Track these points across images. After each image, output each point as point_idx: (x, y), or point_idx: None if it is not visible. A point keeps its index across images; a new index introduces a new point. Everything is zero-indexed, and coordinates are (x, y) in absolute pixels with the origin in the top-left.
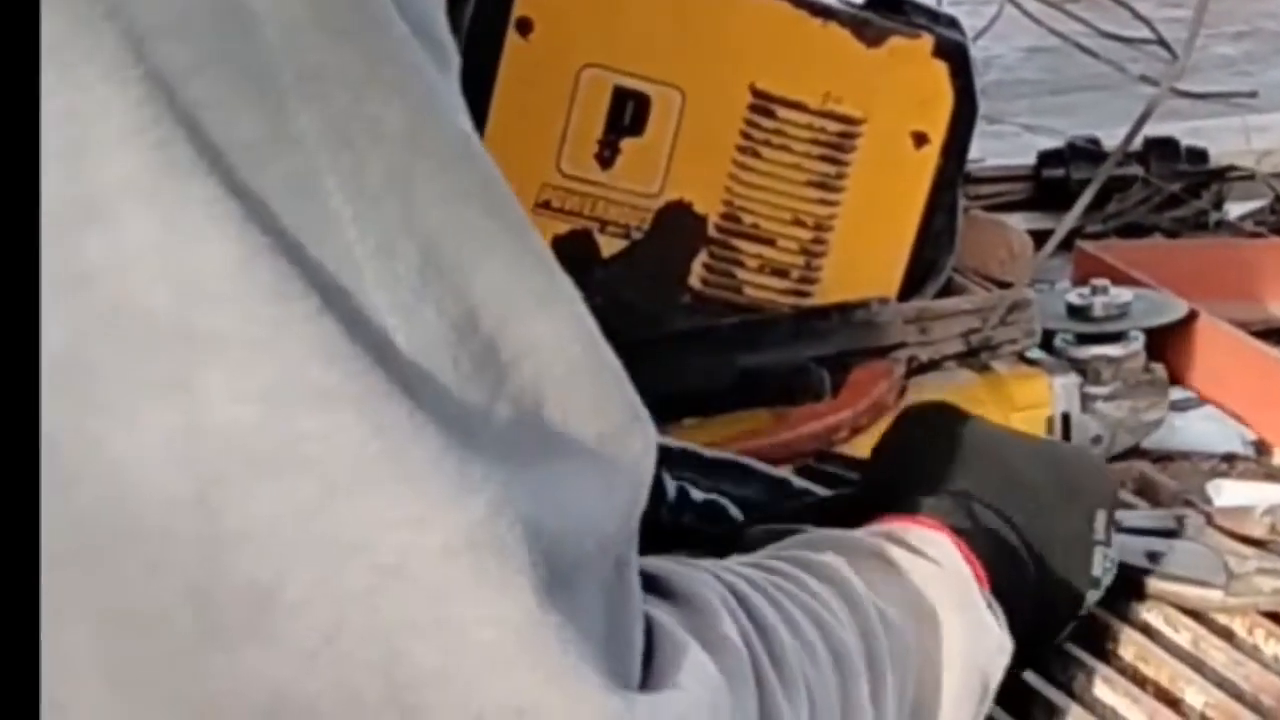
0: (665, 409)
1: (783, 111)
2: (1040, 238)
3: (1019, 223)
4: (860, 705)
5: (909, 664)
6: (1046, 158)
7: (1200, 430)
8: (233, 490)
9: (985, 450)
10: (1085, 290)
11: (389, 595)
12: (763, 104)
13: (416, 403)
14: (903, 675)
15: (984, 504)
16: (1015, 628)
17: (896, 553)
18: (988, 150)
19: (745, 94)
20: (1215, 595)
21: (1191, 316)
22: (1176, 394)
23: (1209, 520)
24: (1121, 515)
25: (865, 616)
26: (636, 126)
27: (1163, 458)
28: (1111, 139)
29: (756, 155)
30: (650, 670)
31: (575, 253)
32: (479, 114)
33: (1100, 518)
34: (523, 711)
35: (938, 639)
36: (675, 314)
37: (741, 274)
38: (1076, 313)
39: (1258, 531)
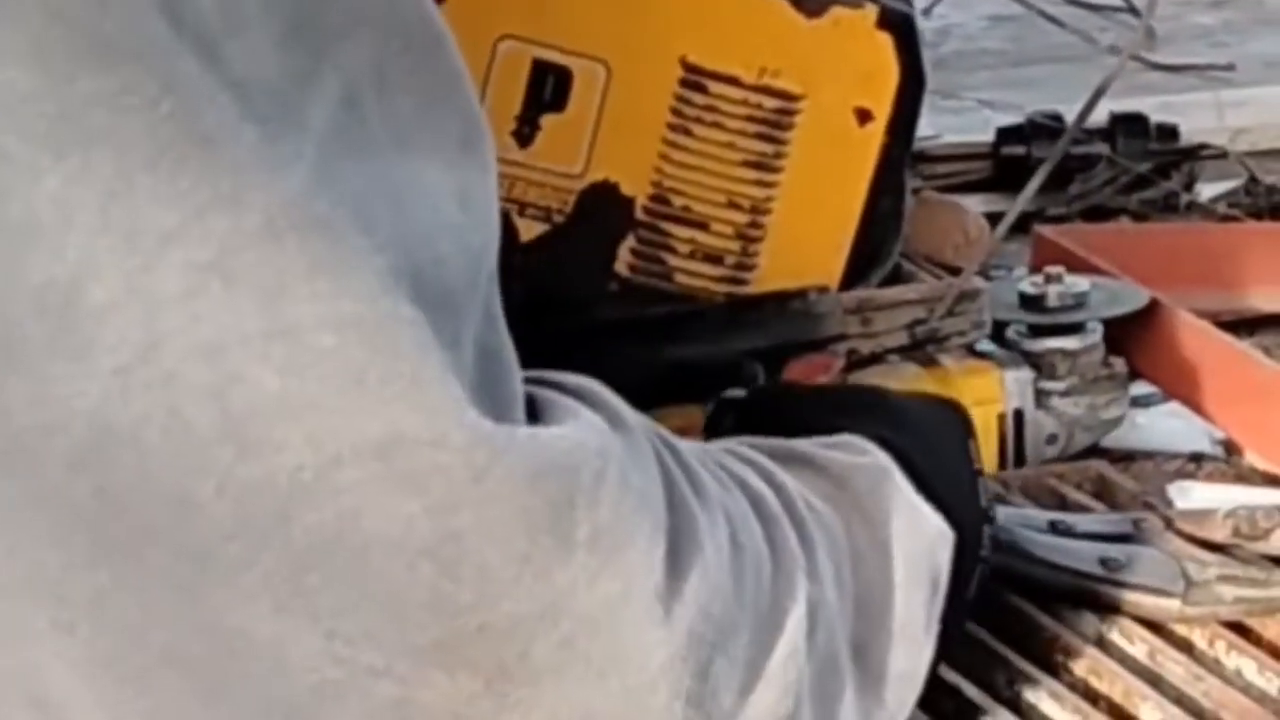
0: None
1: (715, 86)
2: (999, 220)
3: (976, 205)
4: (790, 551)
5: (840, 548)
6: (1006, 134)
7: (1165, 428)
8: (13, 171)
9: (863, 395)
10: (1039, 279)
11: (210, 297)
12: (694, 78)
13: (211, 60)
14: (837, 561)
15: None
16: None
17: (813, 449)
18: (943, 126)
19: (675, 68)
20: (1173, 605)
21: (1154, 306)
22: (1139, 389)
23: (1168, 524)
24: (1074, 519)
25: (784, 490)
26: (557, 102)
27: (1124, 458)
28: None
29: (687, 133)
30: (534, 423)
31: None
32: None
33: (971, 445)
34: (384, 447)
35: (871, 529)
36: (601, 303)
37: (672, 260)
38: (1030, 303)
39: (1220, 535)
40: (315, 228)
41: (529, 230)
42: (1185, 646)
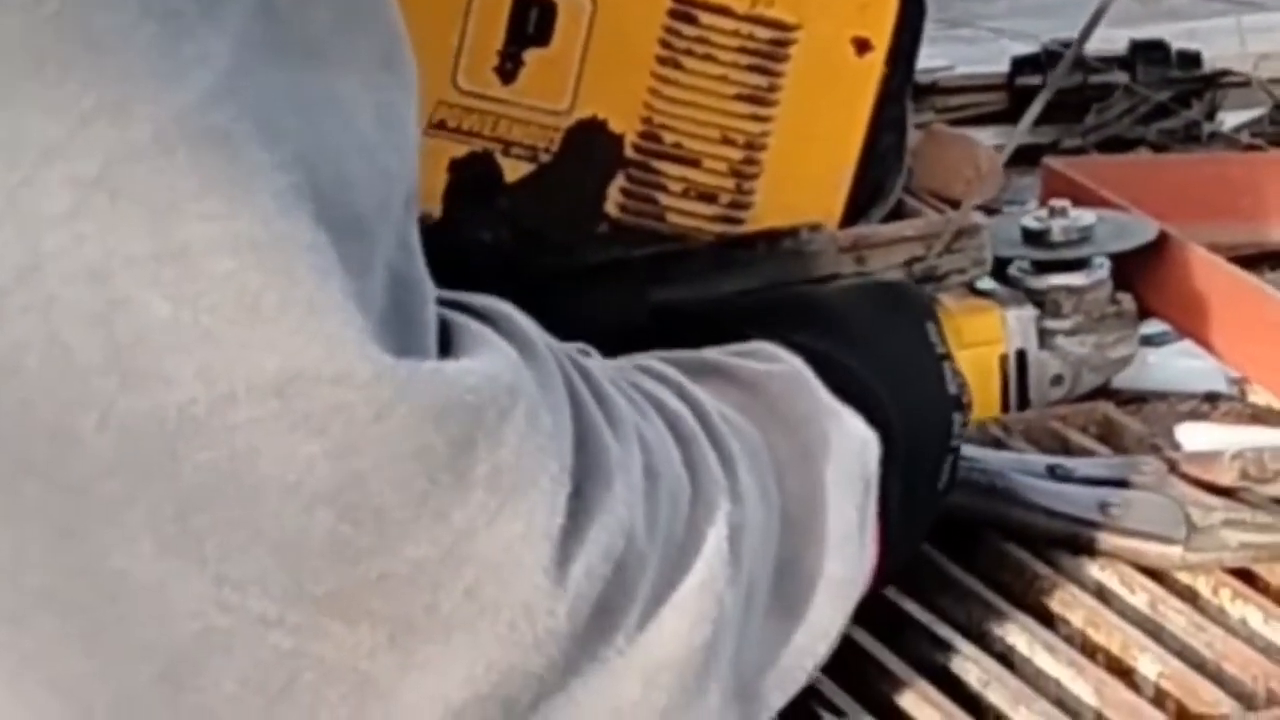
0: None
1: (706, 17)
2: (1016, 154)
3: (990, 138)
4: (710, 473)
5: (762, 462)
6: (1021, 65)
7: (1179, 367)
8: None
9: (789, 297)
10: (1043, 213)
11: (94, 216)
12: (683, 9)
13: None
14: (760, 476)
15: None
16: (890, 466)
17: (724, 358)
18: (957, 57)
19: None
20: (1175, 551)
21: (1163, 240)
22: (1151, 328)
23: (1172, 467)
24: (1072, 463)
25: (699, 406)
26: (542, 36)
27: (1136, 399)
28: (1098, 42)
29: (678, 67)
30: (443, 354)
31: (476, 177)
32: None
33: (931, 329)
34: (282, 383)
35: (791, 437)
36: (590, 245)
37: (664, 199)
38: (1033, 238)
39: (1226, 479)
40: (210, 141)
41: (514, 170)
42: (1189, 595)
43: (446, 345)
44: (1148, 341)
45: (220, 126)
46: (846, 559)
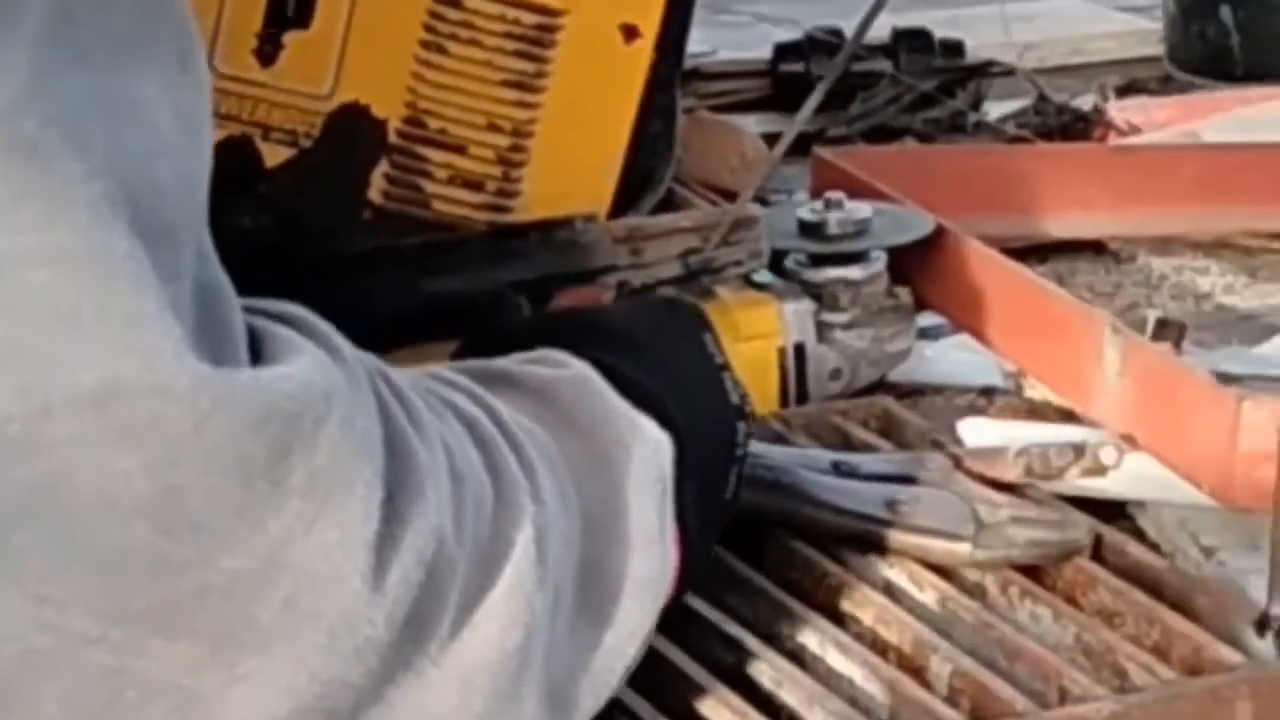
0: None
1: (471, 1)
2: (777, 141)
3: (753, 125)
4: (511, 475)
5: (558, 466)
6: (784, 51)
7: (955, 361)
8: None
9: (570, 316)
10: (819, 204)
11: None
12: None
13: None
14: (558, 479)
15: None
16: (685, 472)
17: (512, 366)
18: (719, 42)
19: None
20: (963, 549)
21: (939, 233)
22: (927, 321)
23: (956, 463)
24: (858, 459)
25: (495, 411)
26: (301, 18)
27: (912, 392)
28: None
29: (442, 51)
30: (256, 361)
31: (234, 163)
32: None
33: (708, 340)
34: (100, 396)
35: (585, 441)
36: (353, 232)
37: (429, 186)
38: (809, 230)
39: (1011, 475)
40: (19, 151)
41: (274, 155)
42: (978, 593)
43: (257, 352)
44: (924, 335)
45: (28, 136)
46: (650, 560)
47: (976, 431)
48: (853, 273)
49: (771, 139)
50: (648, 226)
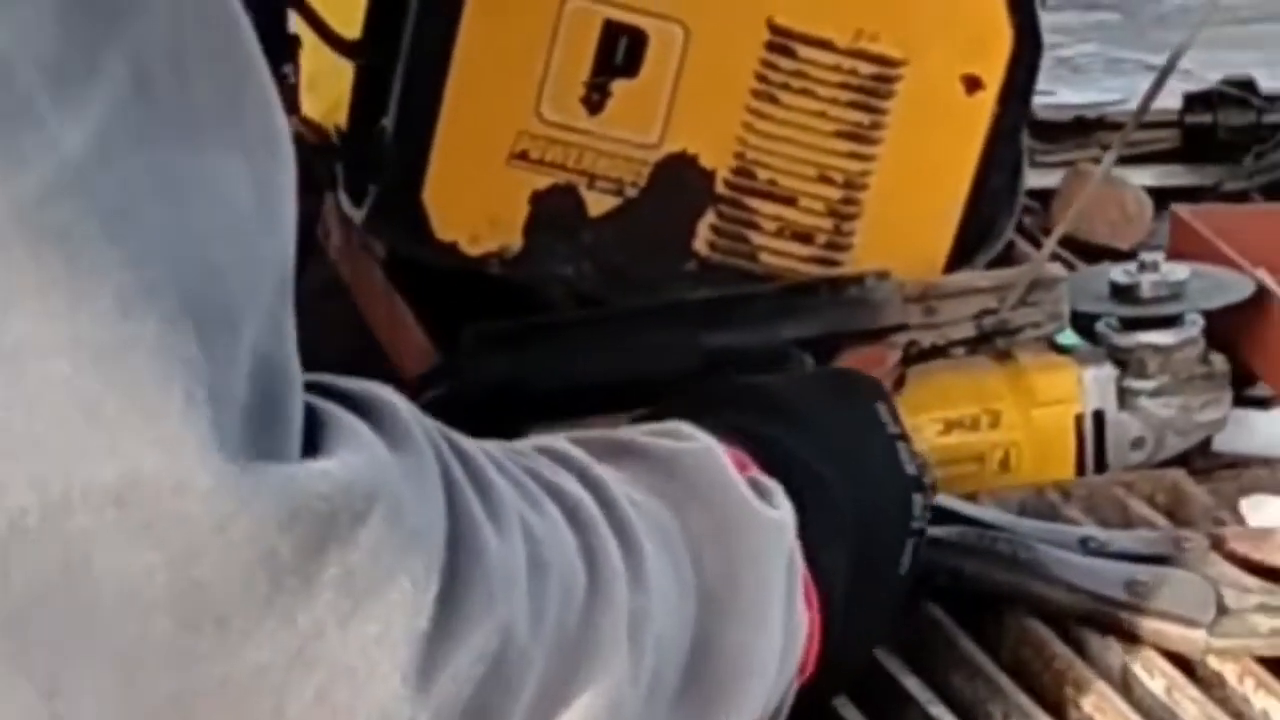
0: (619, 395)
1: (805, 50)
2: (1171, 195)
3: (1152, 179)
4: (611, 562)
5: (675, 544)
6: (1193, 102)
7: None
8: None
9: (734, 390)
10: (1132, 266)
11: None
12: (781, 41)
13: None
14: (675, 558)
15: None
16: (835, 543)
17: (637, 437)
18: (1128, 90)
19: (761, 30)
20: (1199, 635)
21: (1261, 296)
22: (1263, 390)
23: (1216, 544)
24: (1107, 535)
25: (603, 489)
26: (630, 67)
27: (1237, 464)
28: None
29: (774, 101)
30: (308, 449)
31: (559, 211)
32: (444, 49)
33: (882, 410)
34: (120, 491)
35: (710, 514)
36: (678, 283)
37: (757, 238)
38: (1121, 293)
39: (1278, 558)
40: (51, 238)
41: (598, 204)
42: (1213, 683)
43: (313, 437)
44: (1256, 404)
45: (59, 223)
46: (772, 636)
47: (1262, 510)
48: (1163, 338)
49: (1172, 192)
50: (942, 285)
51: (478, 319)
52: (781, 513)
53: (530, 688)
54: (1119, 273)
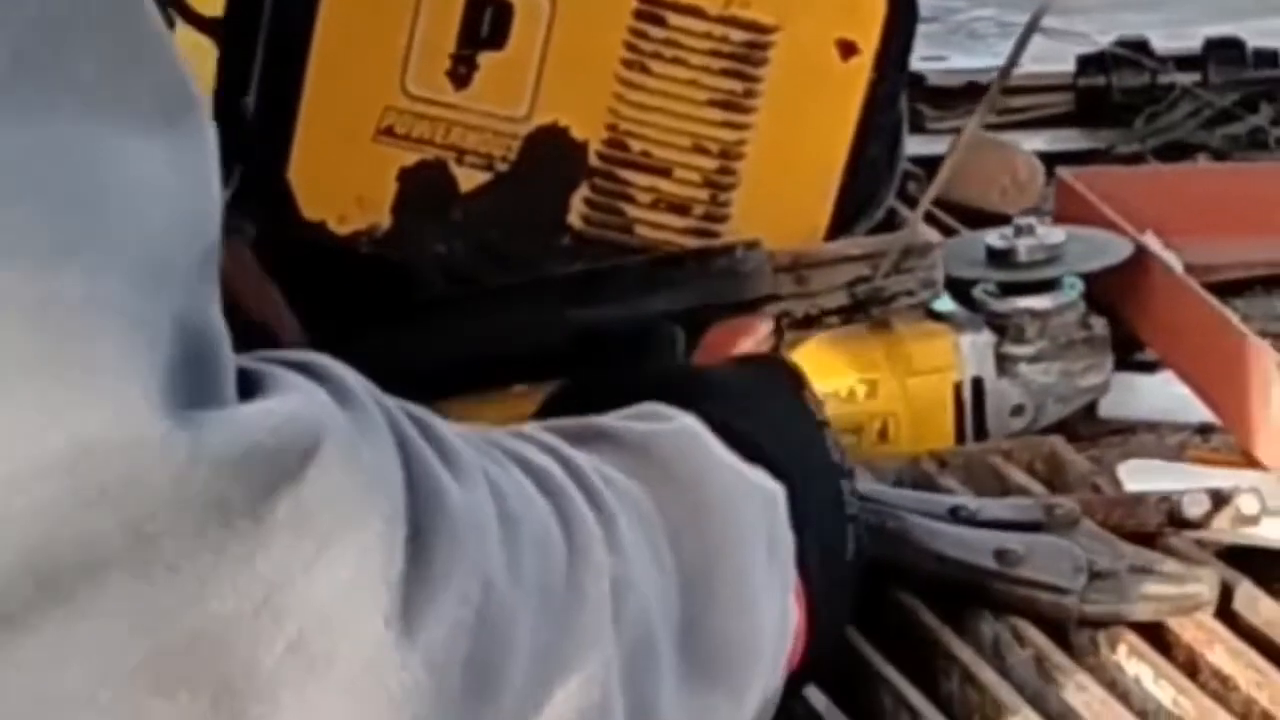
0: (488, 372)
1: (675, 18)
2: (1065, 160)
3: (1052, 141)
4: (584, 524)
5: (652, 525)
6: (1086, 64)
7: (1174, 395)
8: None
9: (665, 373)
10: (1008, 231)
11: None
12: (650, 9)
13: None
14: (651, 538)
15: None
16: (807, 534)
17: (610, 422)
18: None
19: None
20: (1070, 602)
21: (1140, 259)
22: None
23: (1087, 510)
24: (978, 504)
25: (572, 463)
26: (497, 38)
27: (1123, 429)
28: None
29: (645, 70)
30: (246, 400)
31: (427, 188)
32: (305, 24)
33: (807, 397)
34: (71, 459)
35: (686, 497)
36: (553, 259)
37: (632, 211)
38: (998, 257)
39: (1153, 523)
40: None
41: (469, 180)
42: (1086, 650)
43: (250, 391)
44: (1141, 368)
45: None
46: (752, 621)
47: (1137, 474)
48: (1041, 302)
49: (1068, 156)
50: (813, 254)
51: (350, 299)
52: (770, 490)
53: (523, 646)
54: (995, 237)
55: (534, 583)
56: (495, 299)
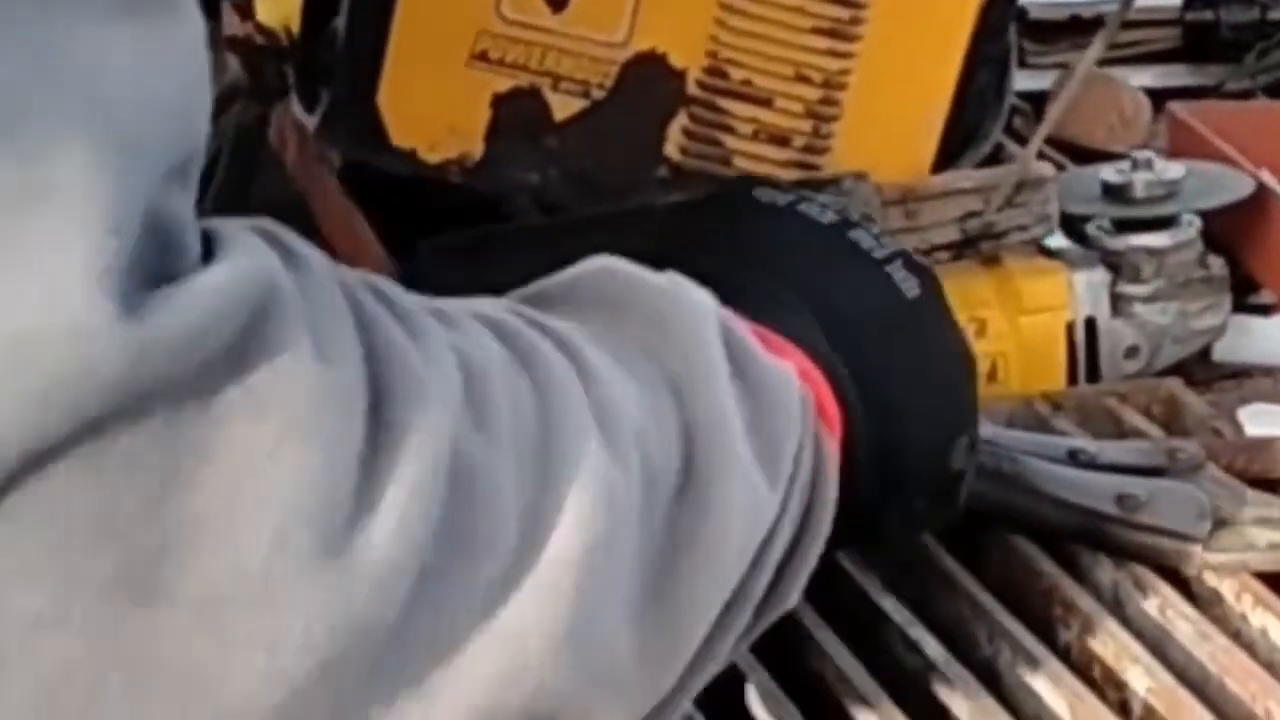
0: None
1: None
2: (1172, 97)
3: (1151, 79)
4: (546, 361)
5: (607, 344)
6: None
7: None
8: None
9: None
10: (1125, 165)
11: None
12: None
13: None
14: (619, 355)
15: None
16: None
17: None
18: None
19: None
20: (1194, 550)
21: (1261, 196)
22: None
23: (1211, 455)
24: (1098, 447)
25: (519, 310)
26: None
27: (1238, 373)
28: None
29: None
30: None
31: (522, 115)
32: None
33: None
34: (12, 350)
35: (619, 318)
36: (648, 190)
37: (731, 141)
38: (1113, 193)
39: (1278, 468)
40: None
41: (564, 107)
42: (1211, 601)
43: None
44: (1257, 310)
45: None
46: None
47: (1258, 418)
48: (1158, 240)
49: (1174, 93)
50: (922, 187)
51: (438, 229)
52: (701, 304)
53: (508, 504)
54: (1111, 172)
55: (507, 438)
56: (590, 230)
